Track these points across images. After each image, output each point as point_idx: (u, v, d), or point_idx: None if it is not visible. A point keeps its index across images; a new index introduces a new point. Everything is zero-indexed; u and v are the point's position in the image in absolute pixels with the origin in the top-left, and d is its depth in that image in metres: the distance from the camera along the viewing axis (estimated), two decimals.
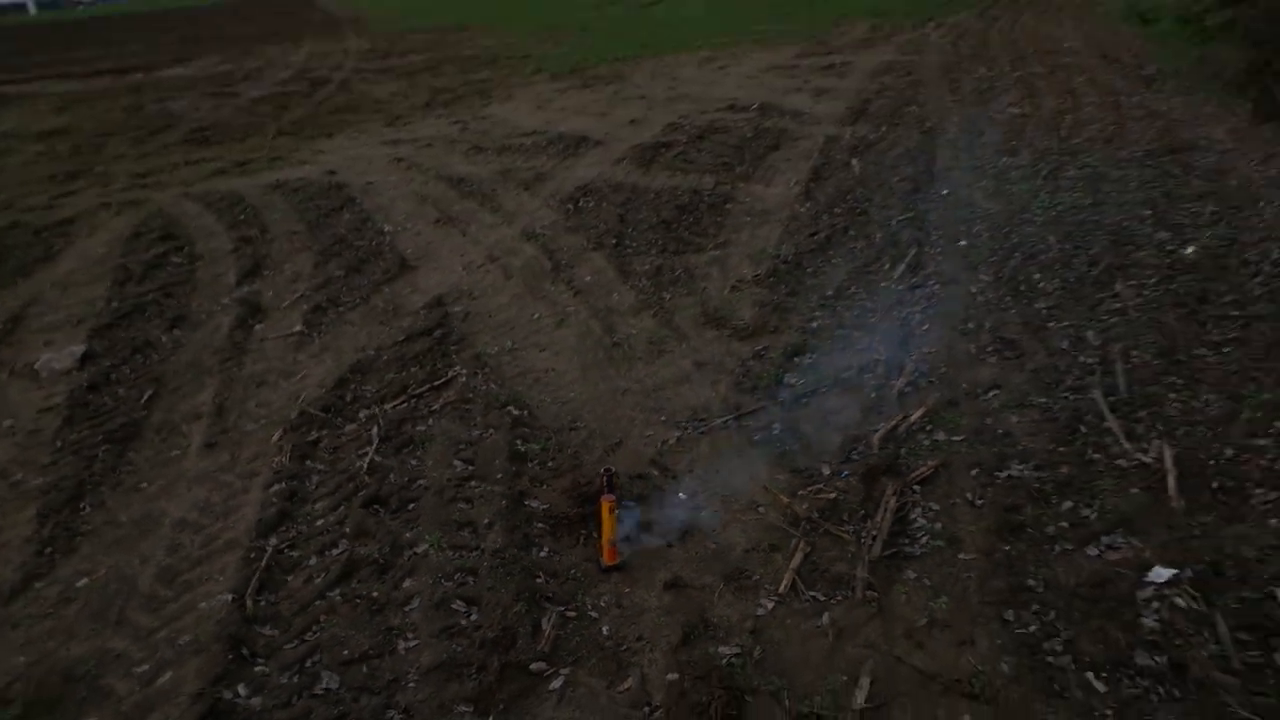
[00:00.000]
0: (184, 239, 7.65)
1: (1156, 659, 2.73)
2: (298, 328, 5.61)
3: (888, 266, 5.87)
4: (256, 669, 2.97)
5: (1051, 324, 4.87)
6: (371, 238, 7.24)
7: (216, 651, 3.02)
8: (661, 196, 7.63)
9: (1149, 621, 2.86)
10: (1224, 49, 11.22)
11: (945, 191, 7.25)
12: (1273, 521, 3.21)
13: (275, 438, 4.38)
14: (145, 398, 4.88)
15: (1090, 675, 2.70)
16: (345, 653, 2.99)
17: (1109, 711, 2.58)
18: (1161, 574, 3.04)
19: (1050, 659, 2.77)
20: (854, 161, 8.29)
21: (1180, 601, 2.92)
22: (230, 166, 10.77)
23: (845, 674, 2.78)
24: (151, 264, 7.05)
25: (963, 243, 6.15)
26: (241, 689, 2.88)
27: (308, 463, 4.15)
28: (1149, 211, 6.27)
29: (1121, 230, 6.00)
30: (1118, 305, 4.98)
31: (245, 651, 3.03)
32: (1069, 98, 9.91)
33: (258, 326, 5.71)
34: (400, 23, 29.92)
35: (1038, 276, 5.47)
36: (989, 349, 4.69)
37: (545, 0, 34.68)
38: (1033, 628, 2.90)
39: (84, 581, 3.48)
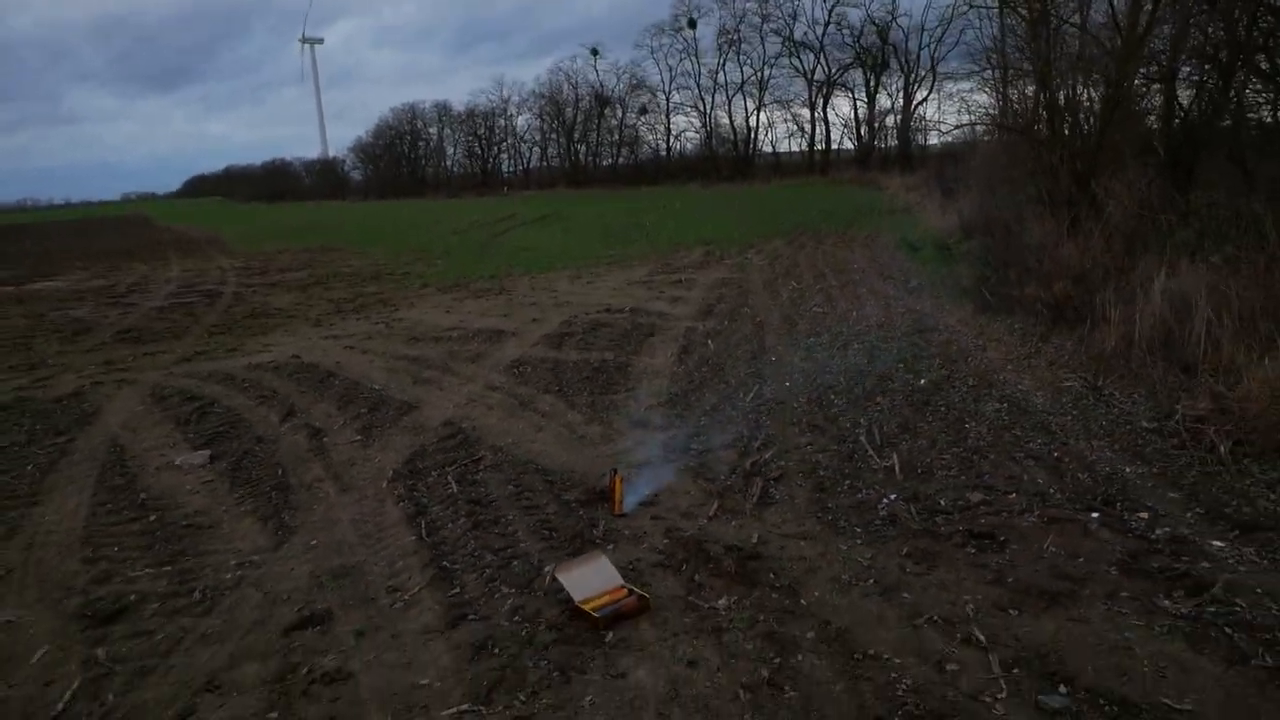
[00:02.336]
0: (208, 399, 10.72)
1: (884, 519, 6.47)
2: (357, 437, 8.89)
3: (741, 395, 9.84)
4: (448, 555, 6.22)
5: (840, 418, 8.89)
6: (369, 393, 10.62)
7: (424, 552, 6.26)
8: (579, 364, 11.50)
9: (882, 512, 6.62)
10: (963, 267, 16.69)
11: (773, 358, 11.46)
12: (943, 482, 7.11)
13: (385, 484, 7.64)
14: (279, 473, 8.02)
15: (857, 528, 6.40)
16: (495, 545, 6.30)
17: (863, 535, 6.26)
18: (891, 500, 6.86)
19: (840, 524, 6.46)
20: (709, 342, 12.51)
21: (887, 501, 6.72)
22: (191, 355, 13.73)
23: (747, 537, 6.35)
24: (199, 412, 10.11)
25: (787, 384, 10.25)
26: (446, 562, 6.13)
27: (415, 493, 7.43)
28: (901, 364, 10.65)
29: (884, 374, 10.29)
30: (879, 408, 9.09)
31: (438, 552, 6.28)
32: (856, 301, 14.77)
33: (325, 438, 8.93)
34: (256, 244, 33.56)
35: (833, 397, 9.57)
36: (805, 429, 8.62)
37: (389, 228, 39.25)
38: (831, 517, 6.60)
39: (314, 542, 6.60)
